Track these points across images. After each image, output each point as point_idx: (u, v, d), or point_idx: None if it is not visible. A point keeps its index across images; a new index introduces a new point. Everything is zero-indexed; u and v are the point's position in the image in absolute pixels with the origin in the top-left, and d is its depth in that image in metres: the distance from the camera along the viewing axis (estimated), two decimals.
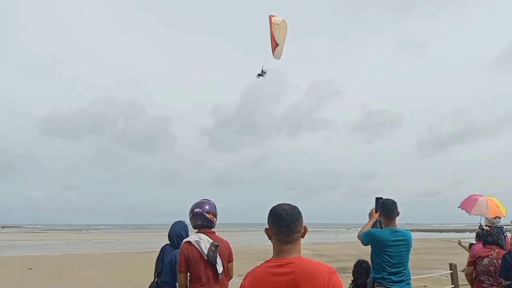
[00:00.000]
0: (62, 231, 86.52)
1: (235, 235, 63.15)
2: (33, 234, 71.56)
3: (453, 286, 9.40)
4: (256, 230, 74.02)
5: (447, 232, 78.67)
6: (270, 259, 2.34)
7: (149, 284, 5.41)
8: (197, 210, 4.81)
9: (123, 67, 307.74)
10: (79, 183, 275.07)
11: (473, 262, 6.36)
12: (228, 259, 4.79)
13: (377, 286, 5.26)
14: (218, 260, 4.62)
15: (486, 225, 9.37)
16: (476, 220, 10.02)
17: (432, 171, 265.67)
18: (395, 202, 5.36)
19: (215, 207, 4.92)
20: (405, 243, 5.28)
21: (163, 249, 5.41)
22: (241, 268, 5.87)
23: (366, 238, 5.40)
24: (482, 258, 6.25)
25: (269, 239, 2.40)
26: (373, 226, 5.60)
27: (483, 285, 6.16)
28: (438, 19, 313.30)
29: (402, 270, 5.27)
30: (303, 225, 2.40)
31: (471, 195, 9.95)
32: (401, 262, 5.25)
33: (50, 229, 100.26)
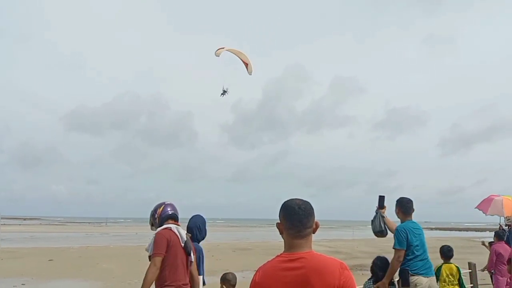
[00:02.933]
0: (81, 224, 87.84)
1: (252, 231, 63.32)
2: (53, 226, 72.79)
3: (471, 285, 9.26)
4: (273, 226, 74.22)
5: (467, 231, 77.61)
6: (281, 254, 2.32)
7: None
8: (167, 202, 5.04)
9: (147, 63, 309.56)
10: (101, 177, 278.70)
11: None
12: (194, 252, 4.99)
13: (411, 275, 5.52)
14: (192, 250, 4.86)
15: (506, 224, 9.27)
16: (496, 219, 9.91)
17: (454, 170, 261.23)
18: (412, 200, 5.87)
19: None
20: (423, 233, 5.76)
21: None
22: (257, 263, 5.88)
23: (400, 234, 5.58)
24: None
25: (280, 234, 2.37)
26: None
27: None
28: (465, 14, 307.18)
29: (427, 257, 5.66)
30: (315, 220, 2.37)
31: (489, 196, 9.90)
32: (425, 250, 5.65)
33: (70, 221, 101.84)
